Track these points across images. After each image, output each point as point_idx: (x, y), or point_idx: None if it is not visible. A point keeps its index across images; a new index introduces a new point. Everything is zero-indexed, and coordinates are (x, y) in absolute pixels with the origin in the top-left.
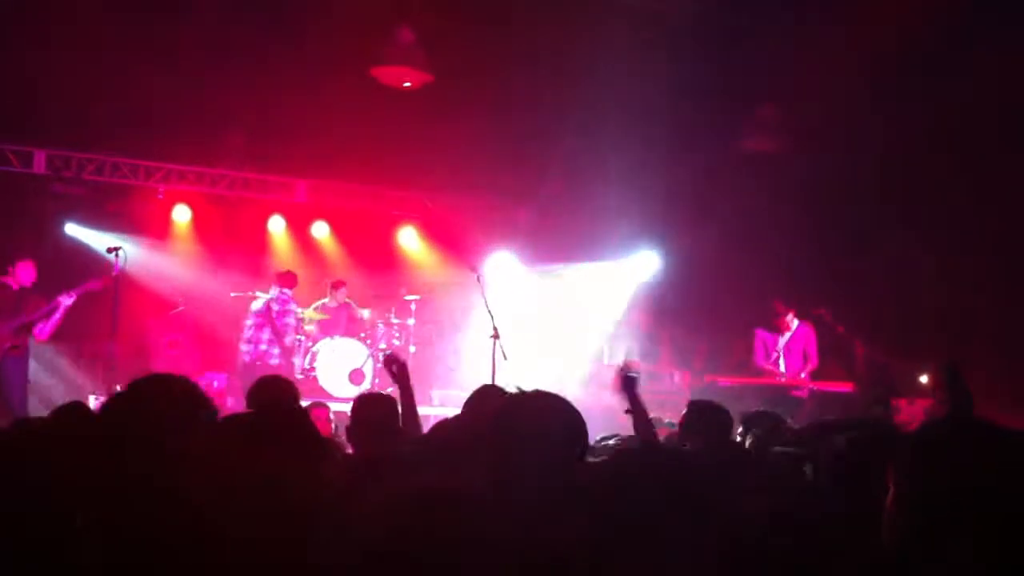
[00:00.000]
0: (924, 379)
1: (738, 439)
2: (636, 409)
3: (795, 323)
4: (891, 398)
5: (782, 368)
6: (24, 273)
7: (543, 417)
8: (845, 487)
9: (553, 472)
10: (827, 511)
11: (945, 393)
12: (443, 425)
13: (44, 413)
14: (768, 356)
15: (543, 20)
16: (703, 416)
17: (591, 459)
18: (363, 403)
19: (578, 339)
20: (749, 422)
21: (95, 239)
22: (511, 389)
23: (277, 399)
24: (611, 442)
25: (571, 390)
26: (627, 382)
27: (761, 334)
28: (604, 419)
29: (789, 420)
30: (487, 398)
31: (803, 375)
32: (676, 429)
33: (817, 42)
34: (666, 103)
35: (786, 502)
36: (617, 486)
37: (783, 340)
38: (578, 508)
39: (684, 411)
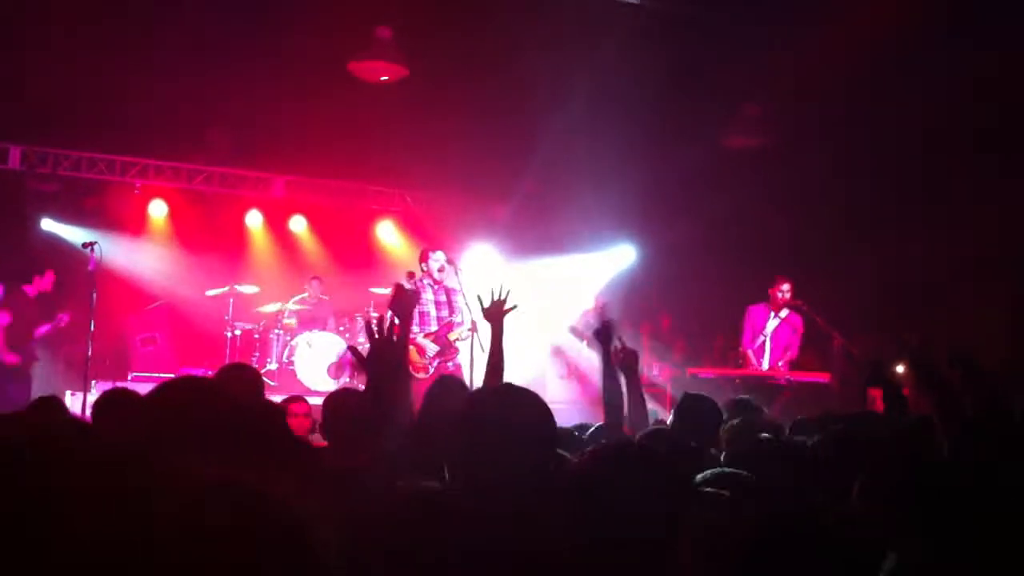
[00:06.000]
0: (900, 369)
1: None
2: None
3: (785, 310)
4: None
5: (767, 353)
6: (45, 282)
7: (509, 413)
8: (825, 480)
9: (524, 469)
10: (805, 504)
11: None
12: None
13: None
14: (754, 339)
15: (522, 15)
16: (696, 410)
17: (568, 451)
18: (333, 401)
19: (556, 332)
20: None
21: (71, 235)
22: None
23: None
24: (589, 432)
25: (550, 382)
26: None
27: (752, 312)
28: (581, 409)
29: (766, 410)
30: (447, 391)
31: (780, 364)
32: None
33: (800, 38)
34: (646, 99)
35: (766, 499)
36: (595, 485)
37: (771, 325)
38: (553, 506)
39: (679, 400)
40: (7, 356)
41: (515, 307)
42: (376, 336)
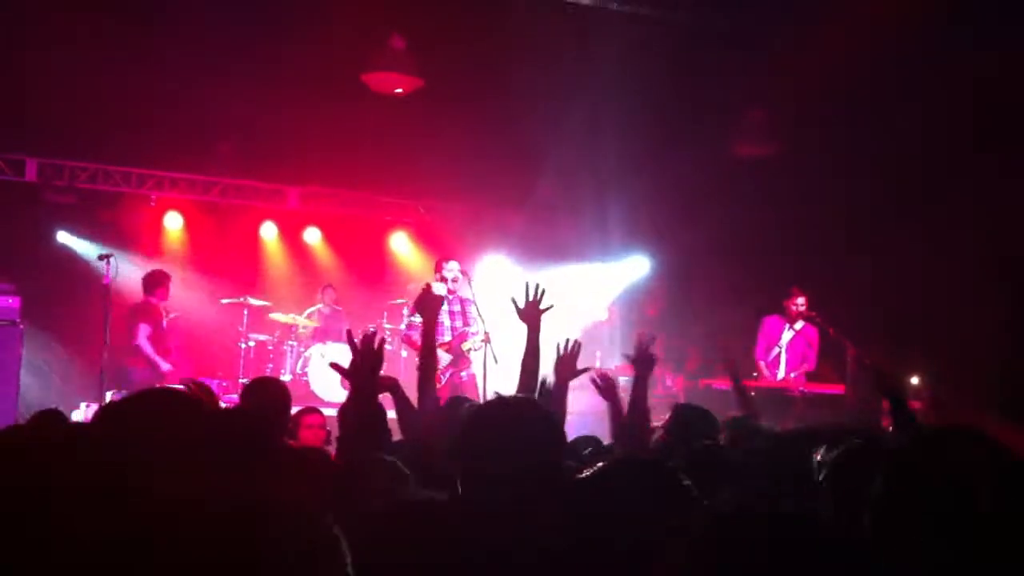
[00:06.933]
0: (915, 381)
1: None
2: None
3: (800, 323)
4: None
5: (782, 364)
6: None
7: (513, 426)
8: (834, 494)
9: (526, 482)
10: (808, 515)
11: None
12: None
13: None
14: (769, 350)
15: (533, 25)
16: (688, 421)
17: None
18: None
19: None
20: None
21: (87, 247)
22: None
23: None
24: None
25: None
26: (607, 390)
27: (768, 324)
28: (594, 422)
29: (769, 423)
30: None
31: (793, 375)
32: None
33: (807, 45)
34: (657, 108)
35: (763, 505)
36: (598, 499)
37: (786, 337)
38: (555, 519)
39: (670, 414)
40: (161, 367)
41: (551, 307)
42: (357, 347)
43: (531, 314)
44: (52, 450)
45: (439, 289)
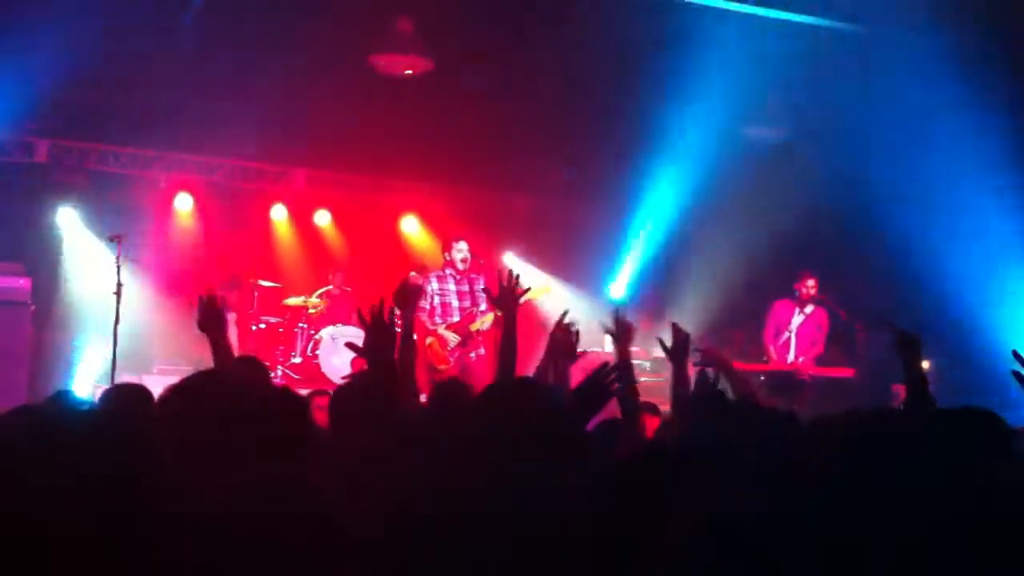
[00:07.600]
0: (925, 364)
1: None
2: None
3: (811, 306)
4: None
5: (792, 348)
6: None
7: (519, 410)
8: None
9: (534, 467)
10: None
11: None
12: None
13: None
14: (779, 334)
15: (546, 7)
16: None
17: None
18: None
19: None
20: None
21: (97, 228)
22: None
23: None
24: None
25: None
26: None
27: (778, 308)
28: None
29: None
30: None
31: (802, 359)
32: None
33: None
34: (665, 90)
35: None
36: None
37: (796, 321)
38: (567, 505)
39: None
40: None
41: (528, 290)
42: (368, 322)
43: (508, 301)
44: (66, 432)
45: (421, 280)
